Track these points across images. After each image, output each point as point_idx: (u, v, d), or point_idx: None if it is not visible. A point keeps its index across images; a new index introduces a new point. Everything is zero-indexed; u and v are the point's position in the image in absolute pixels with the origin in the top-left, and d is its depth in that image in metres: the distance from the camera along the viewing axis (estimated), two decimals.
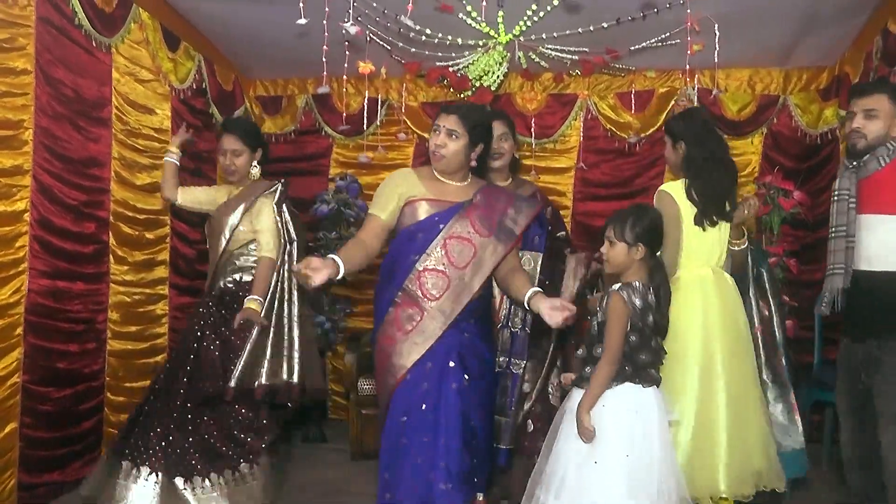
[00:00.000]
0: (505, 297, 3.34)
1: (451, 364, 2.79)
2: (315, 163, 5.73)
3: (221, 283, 3.77)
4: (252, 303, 3.58)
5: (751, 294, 3.50)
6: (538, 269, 3.40)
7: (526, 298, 2.81)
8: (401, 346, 2.82)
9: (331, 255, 2.72)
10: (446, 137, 2.89)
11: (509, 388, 3.32)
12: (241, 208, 3.71)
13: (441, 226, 2.87)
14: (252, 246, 3.75)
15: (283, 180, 3.82)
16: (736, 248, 3.29)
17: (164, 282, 4.55)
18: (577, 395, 2.70)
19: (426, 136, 3.91)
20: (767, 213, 4.79)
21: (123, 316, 4.16)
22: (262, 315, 3.58)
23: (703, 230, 3.11)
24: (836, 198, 3.15)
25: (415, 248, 2.87)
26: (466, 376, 2.80)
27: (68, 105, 3.68)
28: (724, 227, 3.17)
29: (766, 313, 3.54)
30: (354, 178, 5.27)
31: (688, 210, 3.12)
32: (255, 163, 3.84)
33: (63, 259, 3.67)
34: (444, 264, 2.84)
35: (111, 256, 4.04)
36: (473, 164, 3.01)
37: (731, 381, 2.99)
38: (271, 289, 3.69)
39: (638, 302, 2.66)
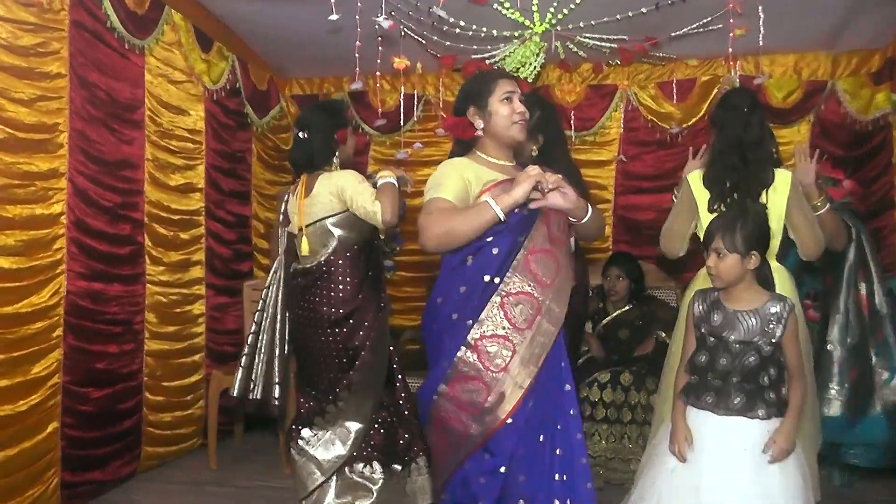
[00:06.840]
0: None
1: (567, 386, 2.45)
2: (352, 160, 5.67)
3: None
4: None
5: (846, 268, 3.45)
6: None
7: None
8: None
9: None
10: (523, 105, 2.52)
11: None
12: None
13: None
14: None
15: None
16: (819, 214, 3.08)
17: (201, 282, 4.58)
18: (753, 429, 2.43)
19: None
20: None
21: (160, 316, 4.18)
22: None
23: None
24: None
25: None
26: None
27: (102, 108, 3.71)
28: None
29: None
30: None
31: (703, 197, 3.03)
32: None
33: (100, 261, 3.70)
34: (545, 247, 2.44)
35: (147, 257, 4.07)
36: None
37: None
38: None
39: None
